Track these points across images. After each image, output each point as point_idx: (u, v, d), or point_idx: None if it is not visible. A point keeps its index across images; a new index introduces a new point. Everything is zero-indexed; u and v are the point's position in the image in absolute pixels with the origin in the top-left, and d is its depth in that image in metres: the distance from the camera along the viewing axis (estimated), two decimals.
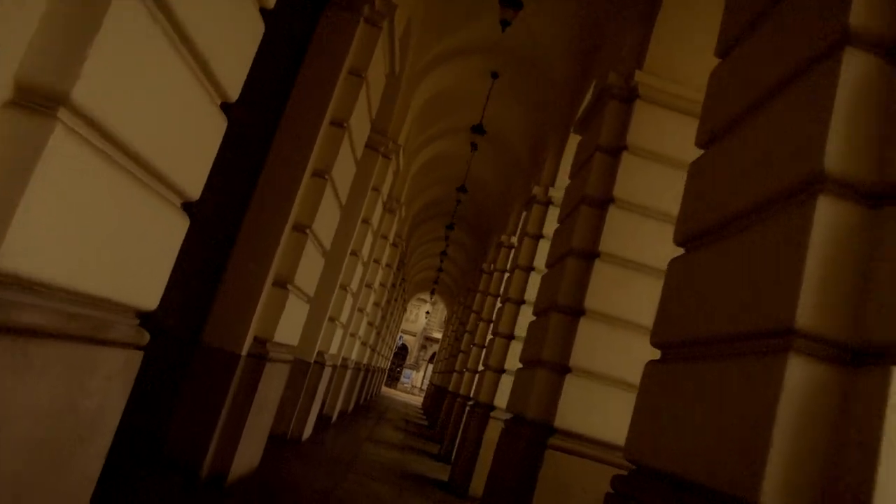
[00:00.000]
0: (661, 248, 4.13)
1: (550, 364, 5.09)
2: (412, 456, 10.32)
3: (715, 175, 2.54)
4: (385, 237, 11.55)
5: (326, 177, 5.20)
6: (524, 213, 9.39)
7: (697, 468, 2.04)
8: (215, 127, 2.50)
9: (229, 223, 4.98)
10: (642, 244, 4.87)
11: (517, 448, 5.02)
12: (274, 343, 5.09)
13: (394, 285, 17.79)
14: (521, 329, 8.21)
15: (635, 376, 3.00)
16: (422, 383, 48.57)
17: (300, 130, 5.04)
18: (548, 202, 8.30)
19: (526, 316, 8.11)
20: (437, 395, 20.46)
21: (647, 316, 3.49)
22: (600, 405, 4.74)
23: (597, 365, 4.78)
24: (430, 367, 47.27)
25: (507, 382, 8.01)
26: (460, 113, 11.66)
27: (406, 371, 49.23)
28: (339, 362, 10.67)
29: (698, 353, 2.32)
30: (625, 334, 4.74)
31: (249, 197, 4.95)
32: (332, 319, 8.24)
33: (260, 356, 4.85)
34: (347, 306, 8.67)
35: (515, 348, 8.12)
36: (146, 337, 2.49)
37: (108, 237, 1.98)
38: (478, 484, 7.79)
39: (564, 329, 5.04)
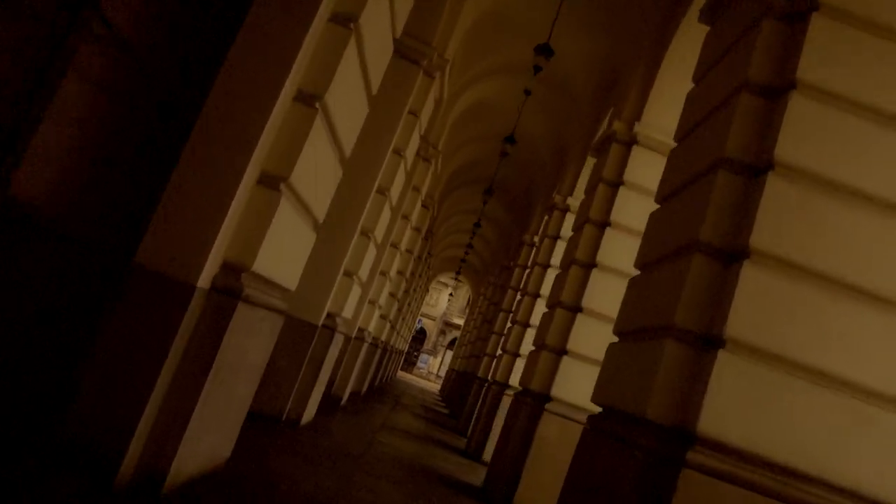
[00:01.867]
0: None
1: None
2: (435, 450, 8.55)
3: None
4: (417, 189, 9.73)
5: (351, 25, 3.37)
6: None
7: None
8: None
9: (193, 80, 3.17)
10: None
11: (628, 465, 3.16)
12: (254, 276, 3.30)
13: (419, 258, 15.99)
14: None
15: None
16: (438, 369, 46.91)
17: None
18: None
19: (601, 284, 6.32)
20: (459, 381, 18.69)
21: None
22: None
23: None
24: (449, 353, 45.55)
25: (567, 368, 6.18)
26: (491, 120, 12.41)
27: (423, 356, 47.58)
28: (353, 332, 8.91)
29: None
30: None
31: (227, 43, 3.13)
32: (348, 274, 6.45)
33: (230, 292, 3.06)
34: (368, 260, 6.87)
35: (590, 325, 6.28)
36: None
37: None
38: (527, 495, 5.99)
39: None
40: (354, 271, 6.44)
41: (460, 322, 46.08)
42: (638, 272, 4.17)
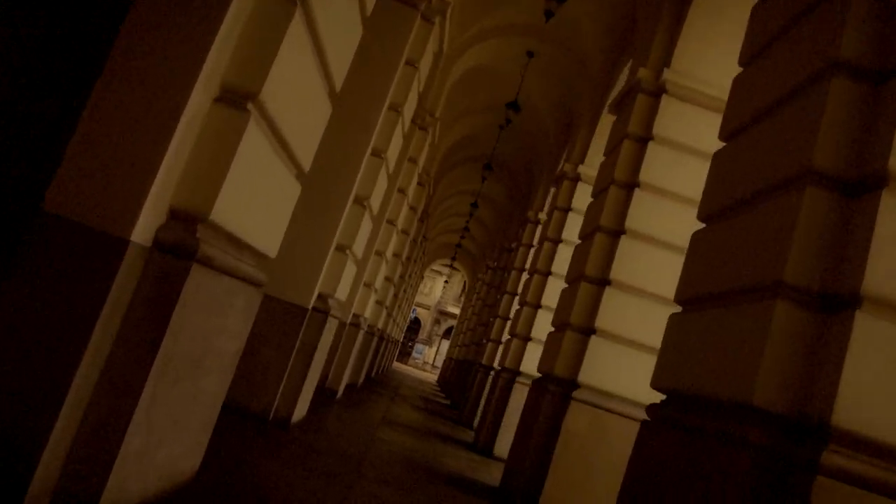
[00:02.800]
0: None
1: None
2: (441, 446, 7.76)
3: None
4: (414, 161, 8.88)
5: None
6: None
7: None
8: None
9: None
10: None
11: (728, 469, 2.34)
12: (215, 229, 2.45)
13: (415, 241, 15.16)
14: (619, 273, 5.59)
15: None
16: (434, 360, 46.19)
17: None
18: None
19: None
20: (459, 370, 17.93)
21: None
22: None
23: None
24: (444, 343, 44.83)
25: (596, 349, 5.38)
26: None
27: (418, 346, 46.83)
28: (349, 318, 8.08)
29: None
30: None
31: None
32: (341, 249, 5.61)
33: (180, 250, 2.22)
34: (364, 234, 6.03)
35: (621, 299, 5.49)
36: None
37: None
38: (555, 496, 5.20)
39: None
40: (348, 245, 5.60)
41: (455, 311, 45.35)
42: (702, 226, 3.38)
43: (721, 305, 2.86)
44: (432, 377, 34.97)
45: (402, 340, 33.52)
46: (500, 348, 11.26)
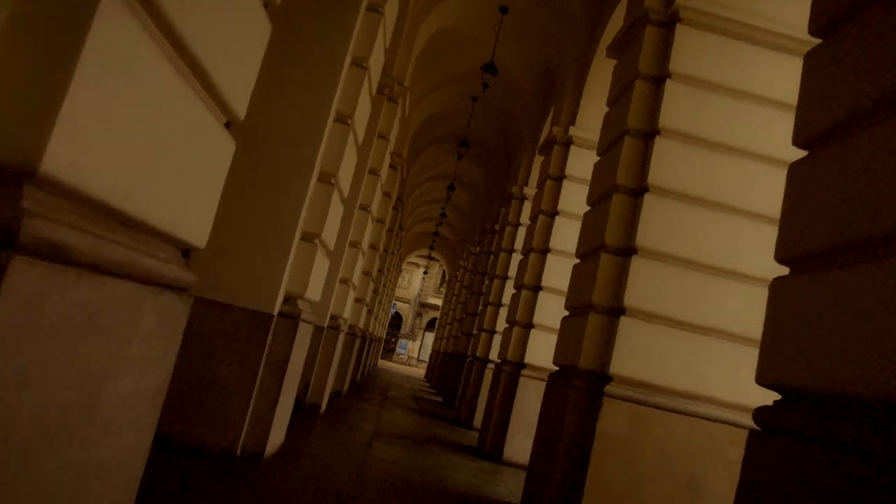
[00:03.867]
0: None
1: None
2: (444, 455, 6.81)
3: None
4: (384, 137, 7.85)
5: None
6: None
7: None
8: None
9: None
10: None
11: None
12: (67, 190, 1.40)
13: (391, 231, 14.12)
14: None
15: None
16: (419, 354, 45.24)
17: None
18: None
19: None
20: (447, 364, 16.98)
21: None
22: None
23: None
24: (428, 335, 43.88)
25: (629, 332, 4.44)
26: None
27: (402, 341, 45.80)
28: (326, 321, 7.07)
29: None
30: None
31: None
32: (308, 238, 4.58)
33: None
34: (334, 219, 5.00)
35: (657, 272, 4.56)
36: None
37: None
38: None
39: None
40: (317, 233, 4.56)
41: (437, 302, 44.43)
42: (801, 154, 2.43)
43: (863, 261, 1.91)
44: (419, 372, 34.04)
45: (385, 337, 32.47)
46: (496, 338, 10.33)
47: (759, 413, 2.32)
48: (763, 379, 2.33)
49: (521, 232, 10.52)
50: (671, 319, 4.44)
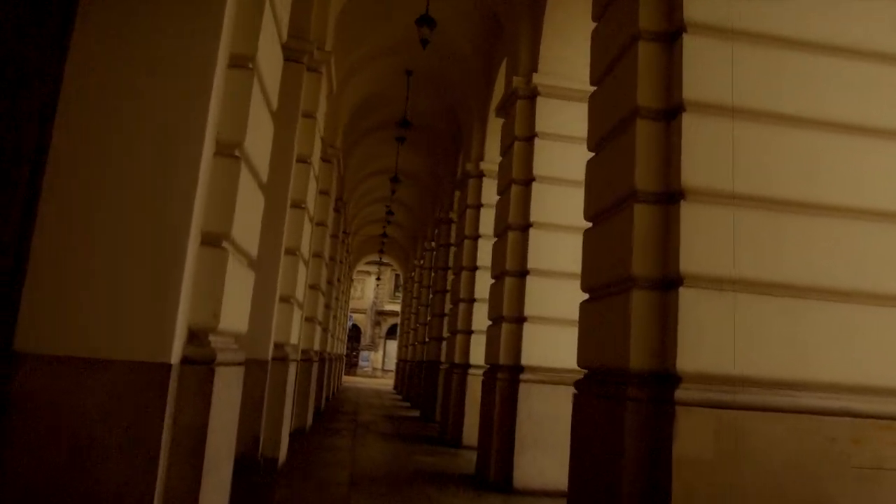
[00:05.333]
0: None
1: None
2: (445, 498, 5.38)
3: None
4: (311, 116, 6.34)
5: None
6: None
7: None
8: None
9: None
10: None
11: None
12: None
13: (335, 236, 12.54)
14: None
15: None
16: (383, 363, 43.55)
17: None
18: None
19: None
20: (418, 372, 15.55)
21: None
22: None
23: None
24: (390, 343, 42.22)
25: (696, 311, 3.12)
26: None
27: (363, 353, 44.00)
28: (268, 352, 5.56)
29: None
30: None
31: None
32: (212, 242, 3.05)
33: None
34: (249, 212, 3.48)
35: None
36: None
37: None
38: None
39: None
40: (223, 232, 3.05)
41: (394, 307, 42.82)
42: None
43: None
44: (387, 382, 32.47)
45: (345, 352, 30.74)
46: (476, 339, 8.97)
47: None
48: None
49: (487, 213, 9.20)
50: (751, 282, 3.14)
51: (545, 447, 5.88)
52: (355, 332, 43.82)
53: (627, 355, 3.24)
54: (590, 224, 4.05)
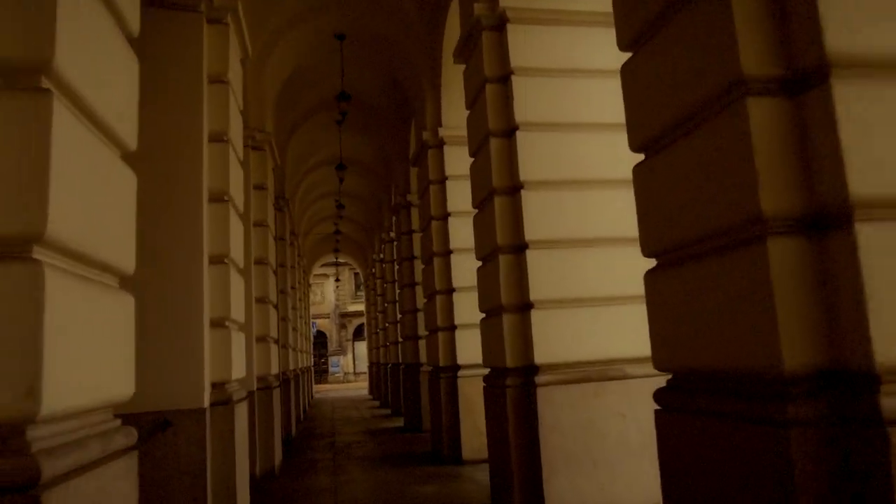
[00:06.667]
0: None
1: None
2: None
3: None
4: (222, 81, 4.83)
5: None
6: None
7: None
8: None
9: None
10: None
11: None
12: None
13: (281, 238, 10.98)
14: None
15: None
16: (354, 367, 41.93)
17: None
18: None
19: None
20: (396, 376, 14.17)
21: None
22: None
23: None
24: (358, 345, 40.61)
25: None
26: None
27: (332, 360, 42.27)
28: (206, 398, 4.12)
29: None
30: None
31: None
32: (54, 247, 1.61)
33: None
34: (99, 179, 2.03)
35: None
36: None
37: None
38: None
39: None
40: (53, 241, 1.61)
41: (357, 308, 41.22)
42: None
43: None
44: (361, 386, 30.99)
45: (313, 362, 29.07)
46: (462, 336, 7.65)
47: None
48: None
49: (455, 187, 7.87)
50: None
51: (582, 466, 4.60)
52: (321, 339, 42.09)
53: (775, 347, 1.92)
54: (642, 156, 2.72)
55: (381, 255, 17.33)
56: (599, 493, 4.59)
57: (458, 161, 7.84)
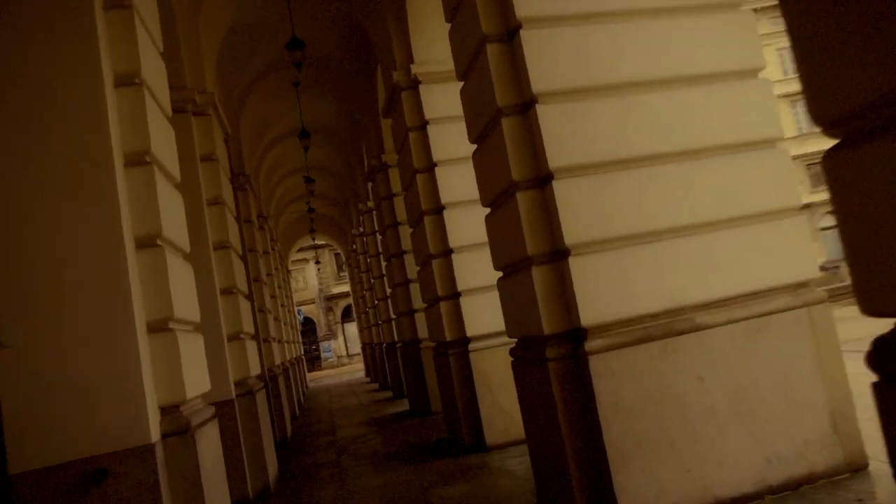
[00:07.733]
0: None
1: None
2: None
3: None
4: (122, 6, 3.58)
5: None
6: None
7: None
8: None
9: None
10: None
11: None
12: None
13: (248, 220, 9.75)
14: None
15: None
16: (347, 349, 40.96)
17: None
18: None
19: None
20: (395, 356, 13.12)
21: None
22: None
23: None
24: (348, 326, 39.54)
25: None
26: None
27: (323, 345, 41.22)
28: (151, 434, 2.96)
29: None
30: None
31: None
32: None
33: None
34: None
35: None
36: None
37: None
38: None
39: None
40: None
41: (342, 289, 40.10)
42: None
43: None
44: (356, 369, 30.06)
45: (304, 351, 27.98)
46: (468, 304, 6.59)
47: None
48: None
49: (439, 131, 6.71)
50: None
51: (658, 449, 3.57)
52: (309, 325, 41.01)
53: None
54: None
55: (361, 229, 16.12)
56: (685, 478, 3.58)
57: (438, 101, 6.77)
